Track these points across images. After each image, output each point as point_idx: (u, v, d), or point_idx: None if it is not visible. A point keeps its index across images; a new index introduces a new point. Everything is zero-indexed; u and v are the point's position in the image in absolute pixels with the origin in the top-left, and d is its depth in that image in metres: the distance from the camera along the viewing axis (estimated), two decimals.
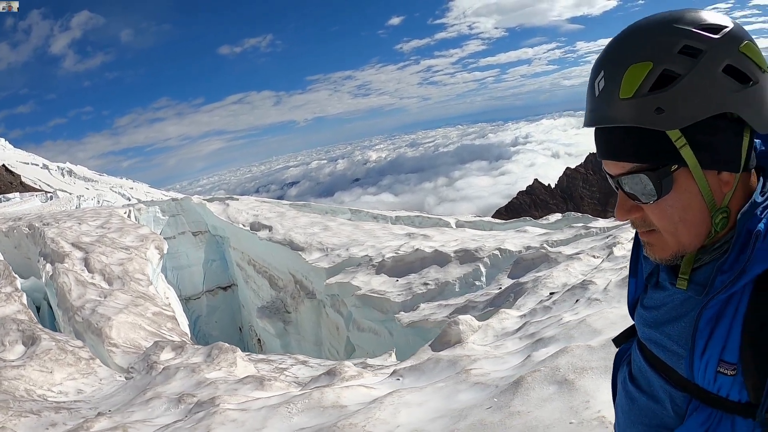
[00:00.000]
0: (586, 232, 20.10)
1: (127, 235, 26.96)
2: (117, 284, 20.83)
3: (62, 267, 21.98)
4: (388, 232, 25.79)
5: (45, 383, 13.34)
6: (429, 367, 7.32)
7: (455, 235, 23.74)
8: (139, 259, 23.55)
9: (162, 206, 36.43)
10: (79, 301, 19.05)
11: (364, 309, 19.13)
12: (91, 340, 16.54)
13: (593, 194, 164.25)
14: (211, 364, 10.76)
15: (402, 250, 20.70)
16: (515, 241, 19.97)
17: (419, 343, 15.65)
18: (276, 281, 27.82)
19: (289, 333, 25.42)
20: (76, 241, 25.85)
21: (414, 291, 17.89)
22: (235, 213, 32.75)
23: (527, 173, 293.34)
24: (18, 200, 64.55)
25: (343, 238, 24.96)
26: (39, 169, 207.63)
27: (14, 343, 16.69)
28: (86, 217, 31.84)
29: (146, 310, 18.45)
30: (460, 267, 18.54)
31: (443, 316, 14.97)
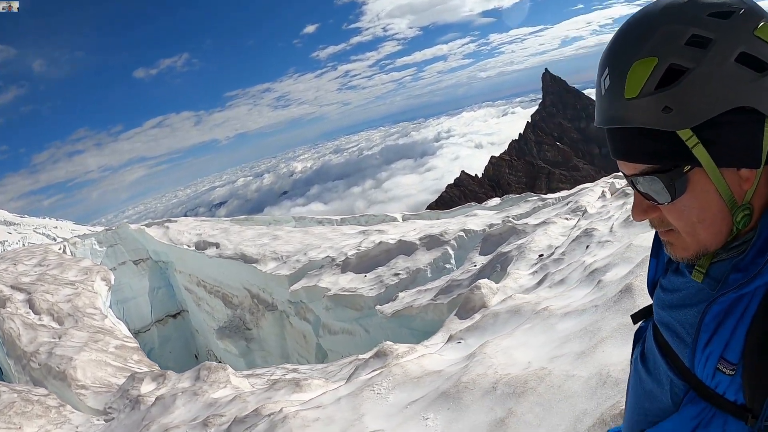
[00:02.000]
0: (543, 203, 20.26)
1: (69, 270, 25.59)
2: (69, 322, 19.62)
3: (5, 312, 20.57)
4: (339, 233, 25.24)
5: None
6: (489, 323, 7.24)
7: (408, 226, 23.36)
8: (87, 293, 22.34)
9: (98, 237, 34.92)
10: (32, 346, 17.79)
11: (336, 310, 18.49)
12: (54, 386, 15.39)
13: (520, 179, 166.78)
14: (206, 386, 9.96)
15: (364, 246, 20.20)
16: (476, 221, 19.75)
17: (404, 332, 15.18)
18: (231, 299, 26.88)
19: (253, 350, 24.57)
20: (15, 282, 24.35)
21: (386, 283, 17.41)
22: (177, 235, 31.60)
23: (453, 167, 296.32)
24: None
25: (296, 245, 24.27)
26: None
27: None
28: (20, 257, 30.19)
29: (107, 344, 17.35)
30: (428, 253, 18.19)
31: (428, 300, 14.66)
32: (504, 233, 16.54)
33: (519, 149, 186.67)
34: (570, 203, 17.66)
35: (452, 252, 18.00)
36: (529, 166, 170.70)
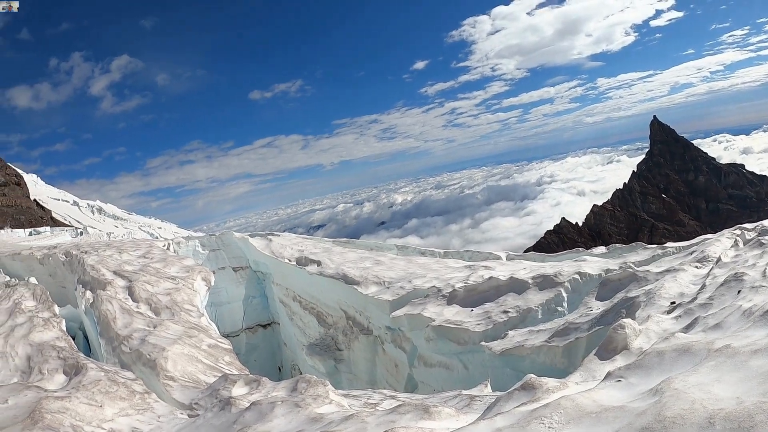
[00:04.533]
0: (663, 252, 19.27)
1: (172, 265, 25.87)
2: (166, 314, 19.60)
3: (104, 294, 20.80)
4: (443, 265, 24.50)
5: (94, 419, 12.01)
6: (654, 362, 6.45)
7: (516, 265, 22.50)
8: (187, 289, 22.38)
9: (202, 240, 35.46)
10: (126, 330, 17.79)
11: (437, 342, 17.66)
12: (142, 373, 15.23)
13: (621, 230, 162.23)
14: (309, 399, 9.41)
15: (472, 280, 19.42)
16: (591, 266, 18.75)
17: (509, 373, 14.31)
18: (325, 317, 26.46)
19: (341, 371, 24.04)
20: (118, 269, 24.76)
21: (494, 320, 16.51)
22: (279, 248, 31.60)
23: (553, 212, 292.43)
24: (48, 234, 64.19)
25: (399, 272, 23.69)
26: (69, 206, 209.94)
27: (54, 371, 15.38)
28: (126, 247, 30.85)
29: (201, 341, 17.14)
30: (539, 293, 17.25)
31: (542, 341, 13.76)
32: (623, 279, 15.55)
33: (622, 199, 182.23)
34: (695, 252, 16.78)
35: (565, 294, 16.97)
36: (631, 218, 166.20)
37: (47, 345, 17.29)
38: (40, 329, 18.59)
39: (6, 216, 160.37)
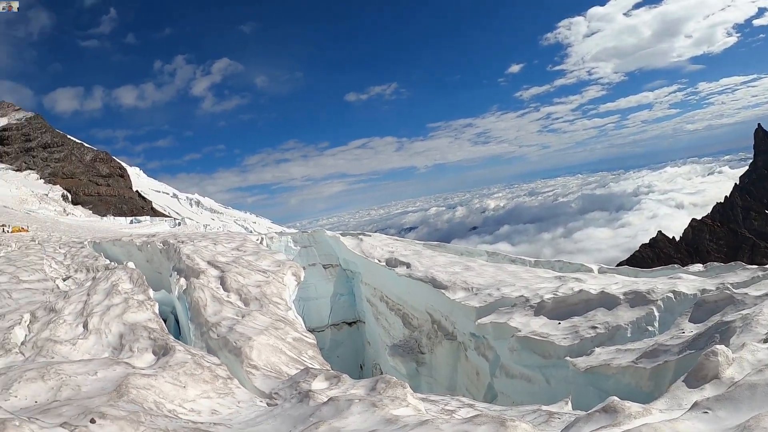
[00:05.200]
0: (764, 274, 18.24)
1: (264, 259, 26.49)
2: (255, 305, 20.11)
3: (197, 282, 21.56)
4: (533, 274, 24.13)
5: (177, 398, 12.44)
6: (745, 396, 6.17)
7: (608, 279, 21.96)
8: (277, 283, 22.87)
9: (294, 237, 36.19)
10: (215, 318, 18.39)
11: (521, 353, 17.38)
12: (227, 359, 15.68)
13: (720, 248, 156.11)
14: (386, 400, 9.45)
15: (561, 292, 19.06)
16: (688, 285, 18.08)
17: (591, 391, 13.94)
18: (410, 320, 26.52)
19: (421, 375, 24.01)
20: (212, 259, 25.62)
21: (581, 335, 16.12)
22: (370, 248, 31.85)
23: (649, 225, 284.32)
24: (149, 223, 67.12)
25: (488, 279, 23.50)
26: (169, 198, 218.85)
27: (144, 350, 16.03)
28: (220, 239, 31.82)
29: (286, 334, 17.51)
30: (630, 310, 16.71)
31: (628, 361, 13.29)
32: (720, 301, 14.83)
33: (723, 214, 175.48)
34: None
35: (657, 314, 16.37)
36: (732, 235, 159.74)
37: (139, 325, 18.05)
38: (134, 310, 19.44)
39: (109, 204, 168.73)
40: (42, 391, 13.08)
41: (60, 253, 37.83)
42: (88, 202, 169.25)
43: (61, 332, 19.29)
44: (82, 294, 23.19)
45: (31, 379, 13.41)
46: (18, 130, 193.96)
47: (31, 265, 33.64)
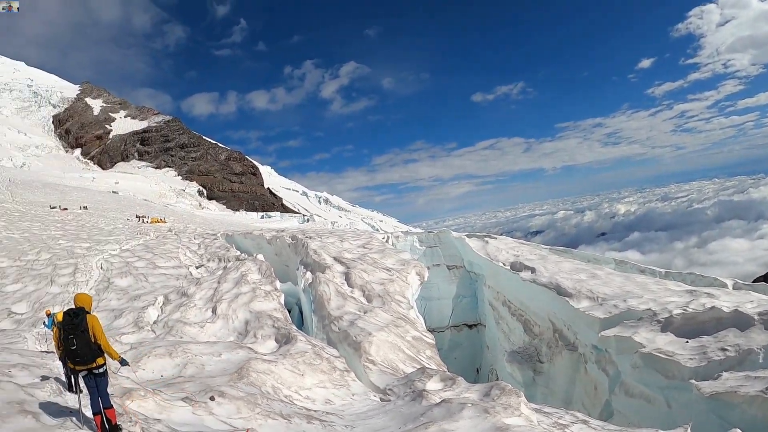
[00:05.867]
0: None
1: (389, 257, 26.79)
2: (377, 302, 20.40)
3: (323, 276, 22.14)
4: (662, 287, 23.12)
5: (294, 385, 12.81)
6: None
7: (743, 297, 20.69)
8: (401, 281, 23.08)
9: (420, 236, 36.31)
10: (338, 312, 18.80)
11: (643, 371, 16.63)
12: (345, 352, 15.98)
13: None
14: (499, 407, 9.34)
15: (692, 307, 18.14)
16: None
17: (714, 420, 13.16)
18: (532, 326, 26.01)
19: (538, 384, 23.50)
20: (338, 255, 26.15)
21: (709, 356, 15.24)
22: (495, 251, 31.53)
23: None
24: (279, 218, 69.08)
25: (614, 288, 22.72)
26: (299, 195, 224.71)
27: (267, 337, 16.69)
28: (347, 236, 32.40)
29: (406, 332, 17.66)
30: (765, 333, 15.57)
31: (758, 390, 12.43)
32: None
33: None
34: None
35: None
36: None
37: (265, 314, 18.72)
38: (261, 300, 20.18)
39: (242, 200, 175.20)
40: (169, 367, 13.83)
41: (194, 243, 39.74)
42: (222, 198, 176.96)
43: (191, 315, 20.34)
44: (213, 281, 24.30)
45: (160, 355, 14.22)
46: (158, 131, 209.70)
47: (167, 253, 35.50)
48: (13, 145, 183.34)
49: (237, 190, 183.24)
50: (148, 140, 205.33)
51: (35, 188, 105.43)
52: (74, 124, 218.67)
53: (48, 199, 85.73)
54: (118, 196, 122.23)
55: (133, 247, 39.11)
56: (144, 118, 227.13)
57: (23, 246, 40.95)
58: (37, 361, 12.78)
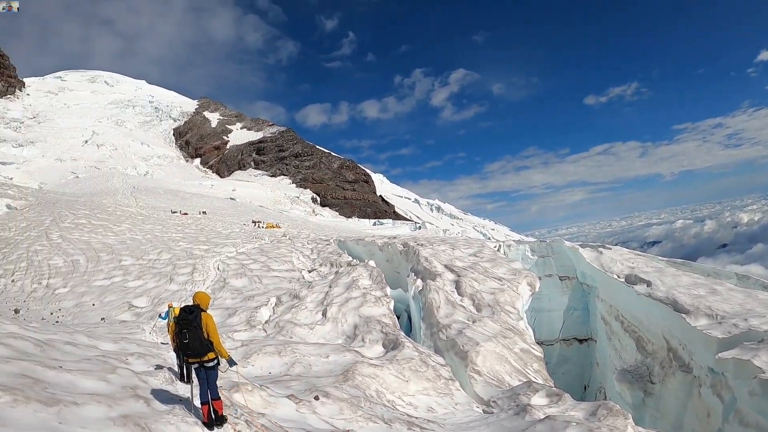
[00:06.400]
0: None
1: (500, 266, 26.52)
2: (486, 312, 20.23)
3: (433, 284, 22.16)
4: None
5: (398, 390, 12.88)
6: None
7: None
8: (511, 291, 22.81)
9: (532, 246, 35.74)
10: (446, 320, 18.78)
11: (761, 399, 15.51)
12: (451, 361, 15.93)
13: None
14: (604, 428, 9.06)
15: None
16: None
17: None
18: (645, 344, 24.98)
19: (647, 406, 22.48)
20: (449, 263, 26.14)
21: None
22: (609, 262, 30.57)
23: None
24: (390, 226, 69.81)
25: (735, 306, 21.55)
26: (411, 203, 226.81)
27: (374, 342, 16.87)
28: (459, 244, 32.32)
29: (514, 344, 17.41)
30: None
31: None
32: None
33: None
34: None
35: None
36: None
37: (374, 319, 18.90)
38: (371, 305, 20.40)
39: (355, 207, 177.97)
40: (277, 365, 14.20)
41: (307, 248, 40.63)
42: (335, 205, 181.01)
43: (302, 317, 20.83)
44: (324, 285, 24.80)
45: (269, 353, 14.62)
46: (272, 142, 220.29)
47: (281, 257, 36.52)
48: (137, 156, 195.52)
49: (350, 197, 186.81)
50: (263, 150, 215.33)
51: (158, 194, 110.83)
52: (193, 136, 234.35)
53: (169, 205, 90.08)
54: (235, 202, 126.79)
55: (248, 251, 40.52)
56: (259, 130, 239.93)
57: (146, 246, 43.42)
58: (153, 351, 13.48)
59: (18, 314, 25.83)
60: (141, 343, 15.35)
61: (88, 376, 9.29)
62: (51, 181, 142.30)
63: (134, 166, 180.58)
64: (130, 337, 16.63)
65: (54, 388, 7.99)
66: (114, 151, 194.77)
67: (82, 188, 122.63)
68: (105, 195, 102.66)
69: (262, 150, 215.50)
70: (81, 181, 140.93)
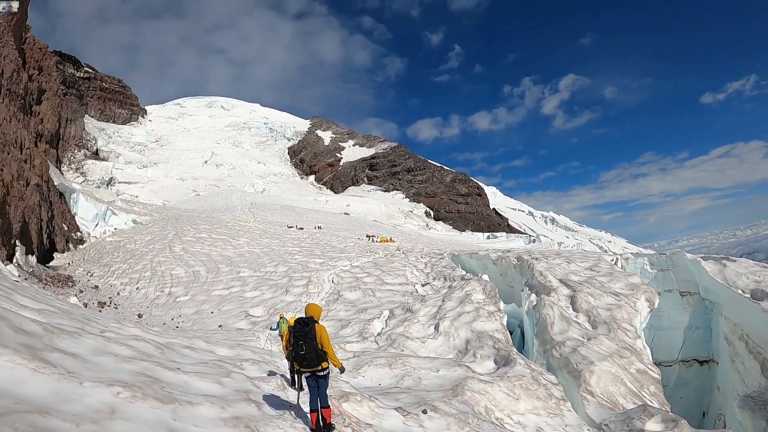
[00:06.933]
0: None
1: (617, 281, 25.80)
2: (602, 329, 19.72)
3: (548, 299, 21.80)
4: None
5: (507, 408, 12.74)
6: None
7: None
8: (629, 308, 22.15)
9: (651, 259, 34.43)
10: (560, 337, 18.44)
11: None
12: (564, 380, 15.60)
13: None
14: None
15: None
16: None
17: None
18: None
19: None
20: (563, 278, 25.68)
21: None
22: (733, 276, 28.95)
23: None
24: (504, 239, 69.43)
25: None
26: (524, 215, 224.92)
27: (486, 358, 16.74)
28: (574, 258, 31.68)
29: (630, 364, 16.86)
30: None
31: None
32: None
33: None
34: None
35: None
36: None
37: (486, 334, 18.78)
38: (483, 320, 20.27)
39: (468, 221, 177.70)
40: (387, 377, 14.34)
41: (421, 262, 40.84)
42: (448, 218, 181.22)
43: (414, 330, 20.94)
44: (437, 299, 24.85)
45: (380, 365, 14.79)
46: (384, 157, 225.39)
47: (394, 271, 36.87)
48: (254, 174, 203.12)
49: (463, 210, 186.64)
50: (376, 166, 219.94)
51: (274, 210, 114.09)
52: (307, 154, 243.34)
53: (285, 220, 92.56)
54: (349, 217, 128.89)
55: (362, 264, 41.12)
56: (371, 146, 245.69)
57: (263, 259, 44.91)
58: (266, 358, 13.94)
59: (141, 318, 27.49)
60: (256, 350, 15.90)
61: (203, 379, 9.78)
62: (173, 199, 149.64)
63: (251, 184, 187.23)
64: (246, 344, 17.24)
65: (171, 387, 8.48)
66: (232, 170, 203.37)
67: (203, 205, 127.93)
68: (224, 211, 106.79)
69: (374, 166, 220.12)
70: (201, 199, 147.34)
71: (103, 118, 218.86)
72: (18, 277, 30.52)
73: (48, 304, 13.45)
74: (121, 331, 13.35)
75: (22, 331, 7.97)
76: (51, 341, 8.38)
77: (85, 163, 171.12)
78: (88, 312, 19.06)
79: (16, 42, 57.97)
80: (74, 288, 37.23)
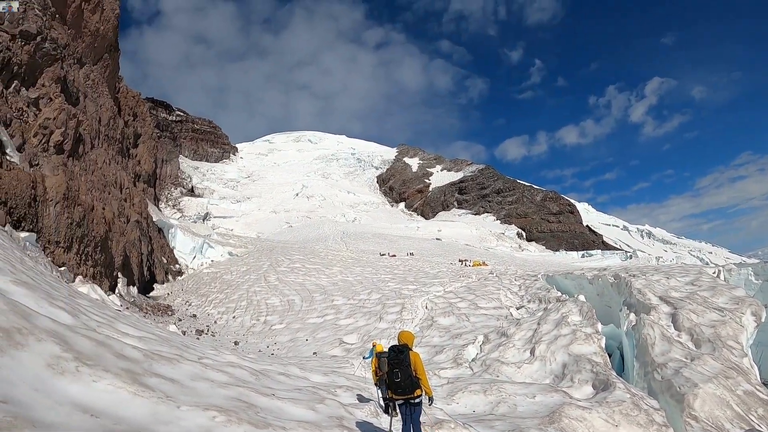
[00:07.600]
0: None
1: (720, 295, 24.74)
2: (706, 348, 18.92)
3: (648, 319, 21.10)
4: None
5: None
6: None
7: None
8: (734, 324, 21.19)
9: (755, 269, 32.88)
10: (662, 358, 17.77)
11: None
12: (666, 404, 15.03)
13: None
14: None
15: None
16: None
17: None
18: None
19: None
20: (663, 294, 24.81)
21: None
22: None
23: None
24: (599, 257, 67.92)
25: None
26: (619, 230, 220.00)
27: (583, 382, 16.28)
28: (674, 273, 30.60)
29: (737, 385, 16.05)
30: None
31: None
32: None
33: None
34: None
35: None
36: None
37: (584, 357, 18.28)
38: (581, 342, 19.76)
39: (561, 240, 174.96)
40: (481, 403, 14.15)
41: (515, 284, 40.37)
42: (540, 239, 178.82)
43: (509, 355, 20.63)
44: (532, 322, 24.44)
45: (474, 392, 14.61)
46: (473, 180, 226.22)
47: (488, 294, 36.56)
48: (344, 204, 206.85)
49: (555, 229, 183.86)
50: (465, 189, 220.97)
51: (366, 238, 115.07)
52: (396, 182, 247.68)
53: (377, 248, 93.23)
54: (441, 242, 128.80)
55: (456, 289, 40.98)
56: (459, 170, 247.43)
57: (356, 287, 45.40)
58: (360, 385, 14.01)
59: (237, 346, 28.12)
60: (350, 377, 16.02)
61: (297, 405, 9.93)
62: (267, 231, 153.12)
63: (342, 214, 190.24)
64: (340, 371, 17.41)
65: (265, 412, 8.61)
66: (323, 201, 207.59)
67: (296, 236, 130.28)
68: (317, 241, 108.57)
69: (463, 189, 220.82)
70: (294, 230, 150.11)
71: (197, 158, 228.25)
72: (120, 306, 31.79)
73: (148, 332, 13.92)
74: (218, 357, 13.71)
75: (123, 356, 8.24)
76: (150, 366, 8.64)
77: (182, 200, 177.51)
78: (187, 339, 19.68)
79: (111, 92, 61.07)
80: (173, 317, 38.71)
